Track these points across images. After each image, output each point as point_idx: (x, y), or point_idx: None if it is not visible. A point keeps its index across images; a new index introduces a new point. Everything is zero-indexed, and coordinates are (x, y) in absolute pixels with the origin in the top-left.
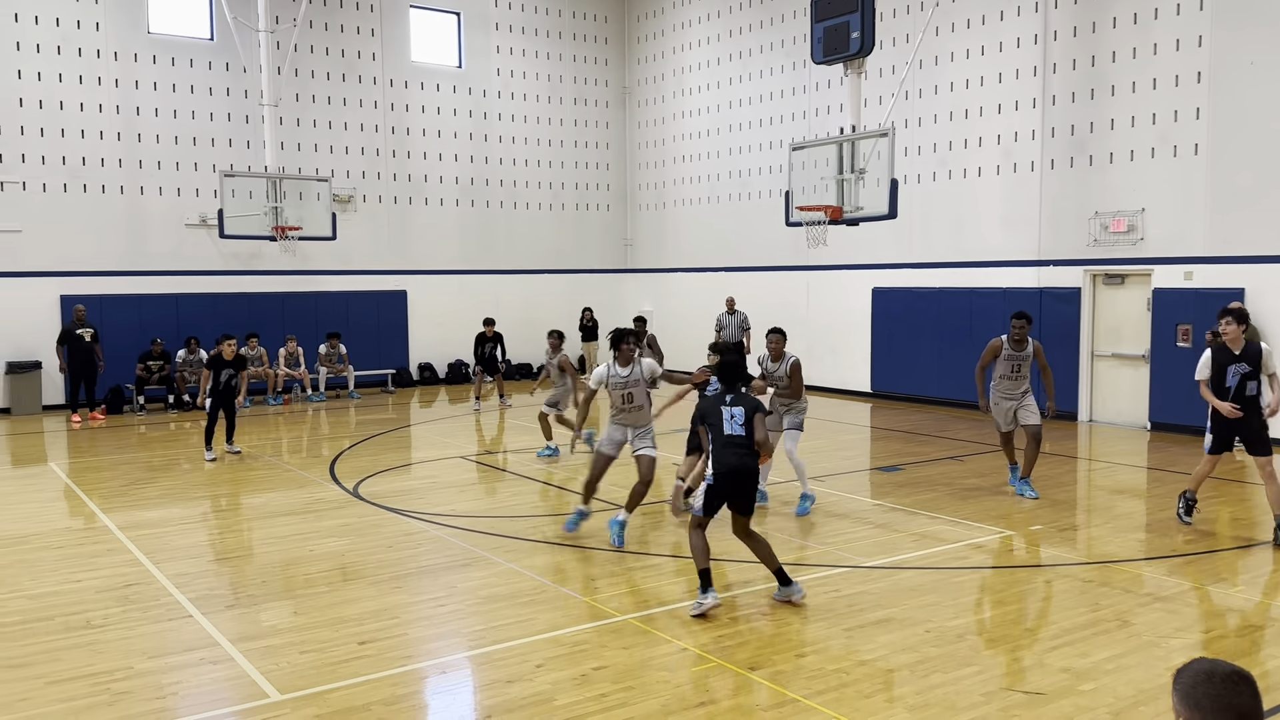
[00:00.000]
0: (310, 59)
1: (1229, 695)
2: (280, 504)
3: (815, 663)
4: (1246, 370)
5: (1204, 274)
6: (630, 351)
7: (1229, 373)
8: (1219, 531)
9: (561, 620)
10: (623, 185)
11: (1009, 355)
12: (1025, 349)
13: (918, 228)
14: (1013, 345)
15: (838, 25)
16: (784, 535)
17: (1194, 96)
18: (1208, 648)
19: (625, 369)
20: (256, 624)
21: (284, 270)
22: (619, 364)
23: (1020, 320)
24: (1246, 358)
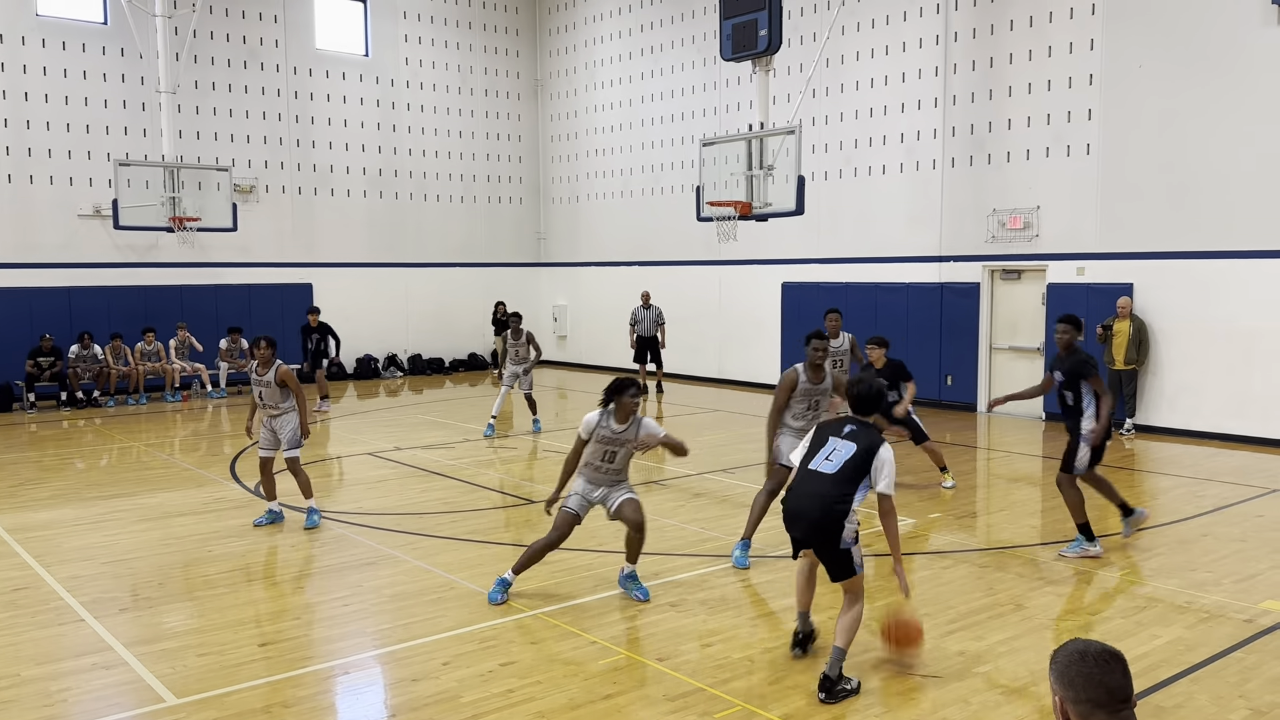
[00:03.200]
0: (210, 45)
1: (1100, 674)
2: (179, 504)
3: (722, 651)
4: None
5: (1095, 270)
6: (633, 405)
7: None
8: (1107, 518)
9: (470, 617)
10: (535, 178)
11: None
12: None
13: (825, 224)
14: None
15: (746, 23)
16: (695, 527)
17: (1086, 98)
18: (1095, 629)
19: (621, 425)
20: (152, 627)
21: (182, 262)
22: (616, 419)
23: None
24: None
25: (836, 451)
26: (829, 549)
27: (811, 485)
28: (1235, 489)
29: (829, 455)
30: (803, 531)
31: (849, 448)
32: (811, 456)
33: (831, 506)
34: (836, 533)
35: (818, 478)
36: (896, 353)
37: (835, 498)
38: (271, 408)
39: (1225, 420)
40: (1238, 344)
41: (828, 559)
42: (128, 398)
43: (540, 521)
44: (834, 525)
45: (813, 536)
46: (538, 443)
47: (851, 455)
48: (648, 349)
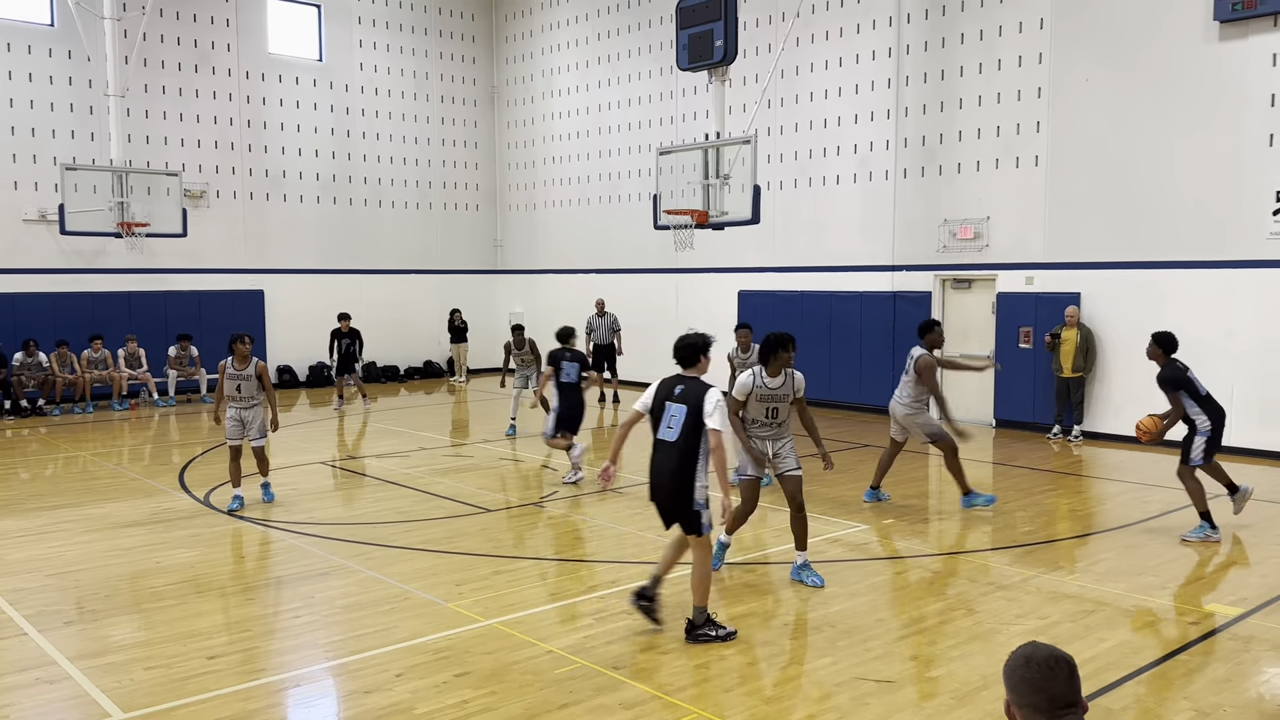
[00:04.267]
0: (160, 48)
1: (1042, 679)
2: (126, 514)
3: (678, 659)
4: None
5: (1044, 279)
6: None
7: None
8: (1057, 522)
9: (423, 627)
10: (492, 185)
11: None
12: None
13: (780, 233)
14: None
15: (702, 33)
16: (651, 534)
17: (1035, 110)
18: (1044, 633)
19: (776, 380)
20: (98, 641)
21: (131, 269)
22: (769, 374)
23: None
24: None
25: (674, 417)
26: (683, 510)
27: (662, 455)
28: (1180, 494)
29: (669, 423)
30: (660, 500)
31: (681, 410)
32: (657, 425)
33: (680, 471)
34: (688, 495)
35: (665, 447)
36: (851, 359)
37: (681, 463)
38: (247, 400)
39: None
40: (1183, 352)
41: (681, 519)
42: (74, 406)
43: (493, 530)
44: (685, 488)
45: (668, 501)
46: (507, 450)
47: (685, 416)
48: (604, 357)
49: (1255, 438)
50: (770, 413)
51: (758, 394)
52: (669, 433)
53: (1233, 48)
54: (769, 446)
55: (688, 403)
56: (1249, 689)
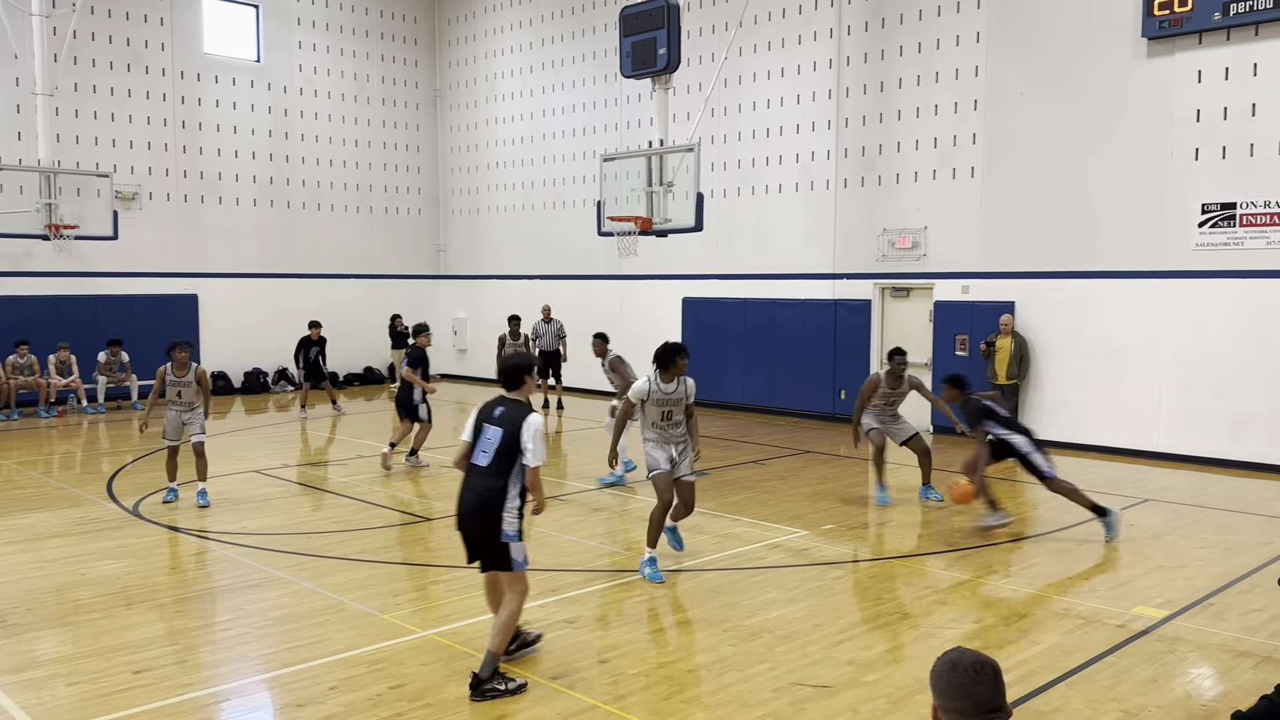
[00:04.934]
0: (91, 46)
1: (968, 685)
2: (50, 524)
3: (618, 668)
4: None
5: (979, 288)
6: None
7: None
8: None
9: (358, 639)
10: (435, 190)
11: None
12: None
13: (723, 240)
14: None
15: (645, 41)
16: (593, 542)
17: (971, 122)
18: (978, 637)
19: (670, 385)
20: (19, 655)
21: (59, 271)
22: (664, 380)
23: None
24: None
25: (489, 440)
26: (489, 541)
27: (472, 479)
28: (1110, 499)
29: (484, 447)
30: (467, 529)
31: (497, 434)
32: (473, 448)
33: (488, 500)
34: (495, 525)
35: (476, 471)
36: (792, 366)
37: (491, 490)
38: (187, 405)
39: (1101, 432)
40: (1112, 359)
41: (487, 551)
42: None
43: (432, 539)
44: (491, 518)
45: (475, 531)
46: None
47: (500, 442)
48: (549, 364)
49: (1181, 444)
50: (665, 415)
51: (654, 399)
52: (482, 457)
53: (1160, 64)
54: (671, 450)
55: (504, 427)
56: (1174, 689)
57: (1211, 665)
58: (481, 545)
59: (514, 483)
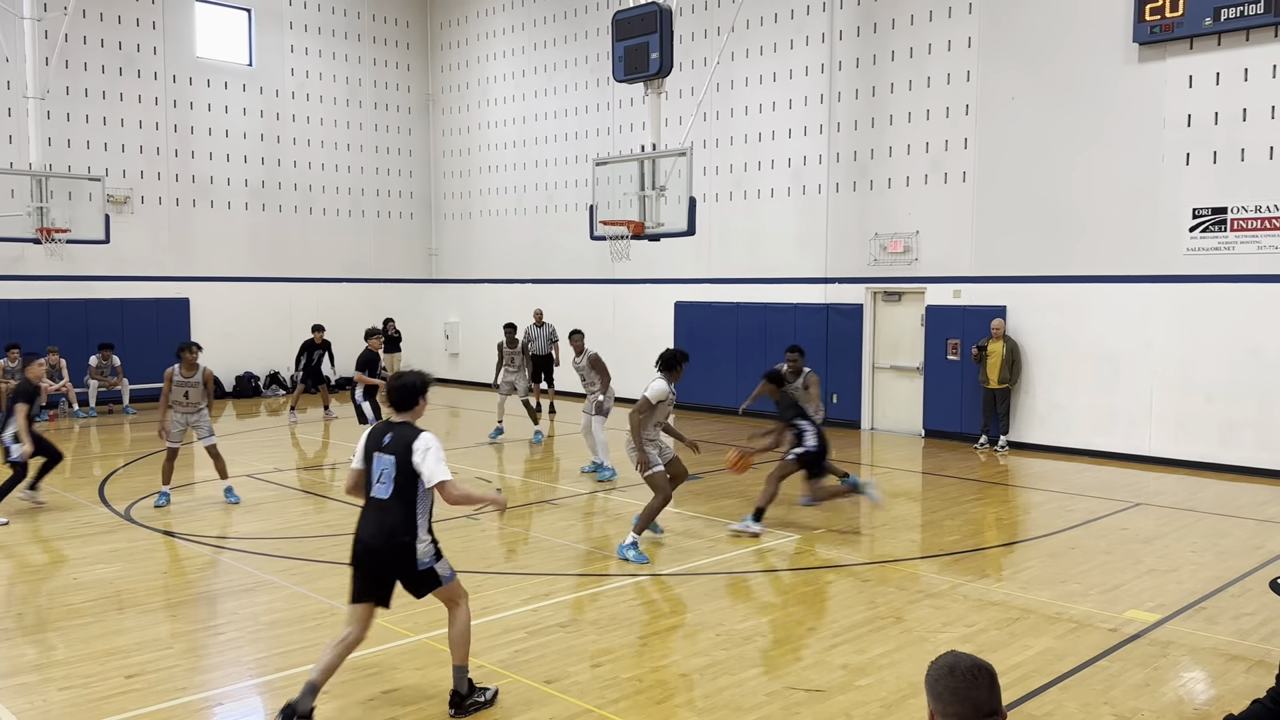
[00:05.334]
0: (83, 50)
1: (966, 688)
2: (42, 529)
3: (611, 672)
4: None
5: (971, 293)
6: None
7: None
8: (984, 531)
9: None
10: (427, 194)
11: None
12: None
13: (716, 245)
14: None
15: (638, 45)
16: (586, 546)
17: (963, 127)
18: (971, 641)
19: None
20: (10, 660)
21: (50, 275)
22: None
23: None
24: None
25: (385, 471)
26: (407, 576)
27: (371, 514)
28: (1102, 503)
29: (380, 477)
30: (371, 567)
31: (390, 461)
32: (369, 481)
33: (395, 540)
34: (410, 560)
35: (378, 505)
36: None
37: (397, 528)
38: (193, 406)
39: (1093, 437)
40: (1104, 364)
41: (408, 583)
42: None
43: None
44: (404, 556)
45: (384, 568)
46: None
47: (394, 470)
48: (542, 368)
49: (1172, 448)
50: (667, 416)
51: (670, 400)
52: (380, 489)
53: (1151, 69)
54: (660, 447)
55: (396, 453)
56: (1167, 693)
57: (1204, 669)
58: (389, 579)
59: (421, 512)
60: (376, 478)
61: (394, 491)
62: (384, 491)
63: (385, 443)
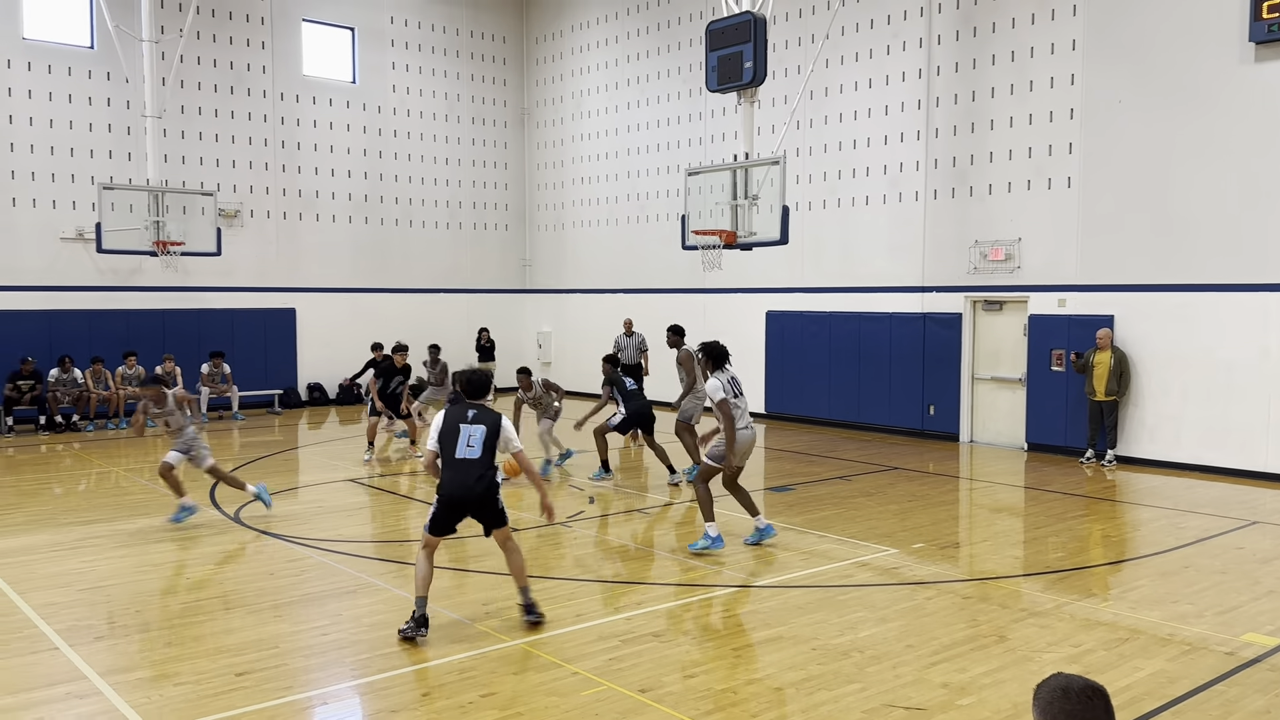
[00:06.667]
0: (196, 70)
1: (1083, 711)
2: (157, 530)
3: (704, 683)
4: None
5: (1076, 301)
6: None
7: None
8: (1090, 549)
9: (450, 647)
10: (521, 205)
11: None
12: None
13: (809, 253)
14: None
15: (731, 55)
16: (677, 555)
17: (1067, 131)
18: (1078, 661)
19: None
20: (128, 656)
21: (165, 286)
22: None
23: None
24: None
25: (473, 437)
26: (491, 513)
27: (467, 470)
28: (1215, 520)
29: (468, 442)
30: (470, 510)
31: (480, 430)
32: (454, 447)
33: (489, 482)
34: (495, 498)
35: (468, 464)
36: (879, 381)
37: (487, 475)
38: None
39: (1205, 451)
40: (1216, 375)
41: (489, 519)
42: (107, 422)
43: (529, 552)
44: (493, 495)
45: (478, 511)
46: None
47: (485, 436)
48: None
49: None
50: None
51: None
52: (471, 451)
53: (1269, 69)
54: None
55: (486, 424)
56: None
57: None
58: (482, 516)
59: (494, 466)
60: (465, 443)
61: (483, 453)
62: (474, 454)
63: (471, 418)
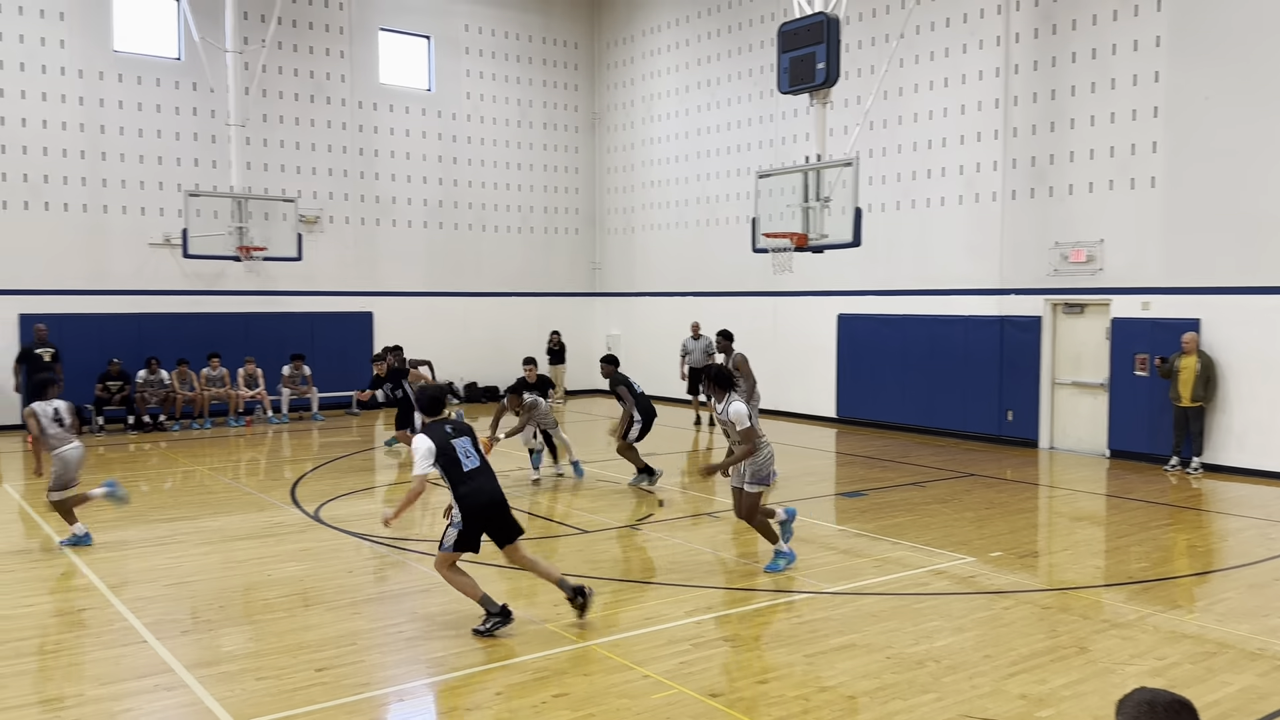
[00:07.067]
0: (278, 79)
1: None
2: (239, 528)
3: (777, 689)
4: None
5: (1161, 304)
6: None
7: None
8: (1176, 559)
9: (522, 647)
10: (591, 209)
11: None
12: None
13: (882, 256)
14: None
15: (804, 56)
16: (749, 561)
17: (1151, 130)
18: (1163, 675)
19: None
20: (213, 650)
21: (248, 290)
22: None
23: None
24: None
25: (467, 448)
26: (511, 517)
27: (485, 478)
28: None
29: (466, 453)
30: (498, 515)
31: (467, 440)
32: (461, 459)
33: (500, 487)
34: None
35: (479, 471)
36: (954, 386)
37: (496, 481)
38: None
39: None
40: None
41: (510, 525)
42: (192, 422)
43: (589, 551)
44: (505, 500)
45: (503, 514)
46: (604, 470)
47: (474, 442)
48: (698, 380)
49: None
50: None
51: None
52: (472, 461)
53: None
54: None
55: (469, 434)
56: None
57: None
58: (505, 523)
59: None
60: (463, 455)
61: (482, 460)
62: (477, 461)
63: (453, 431)
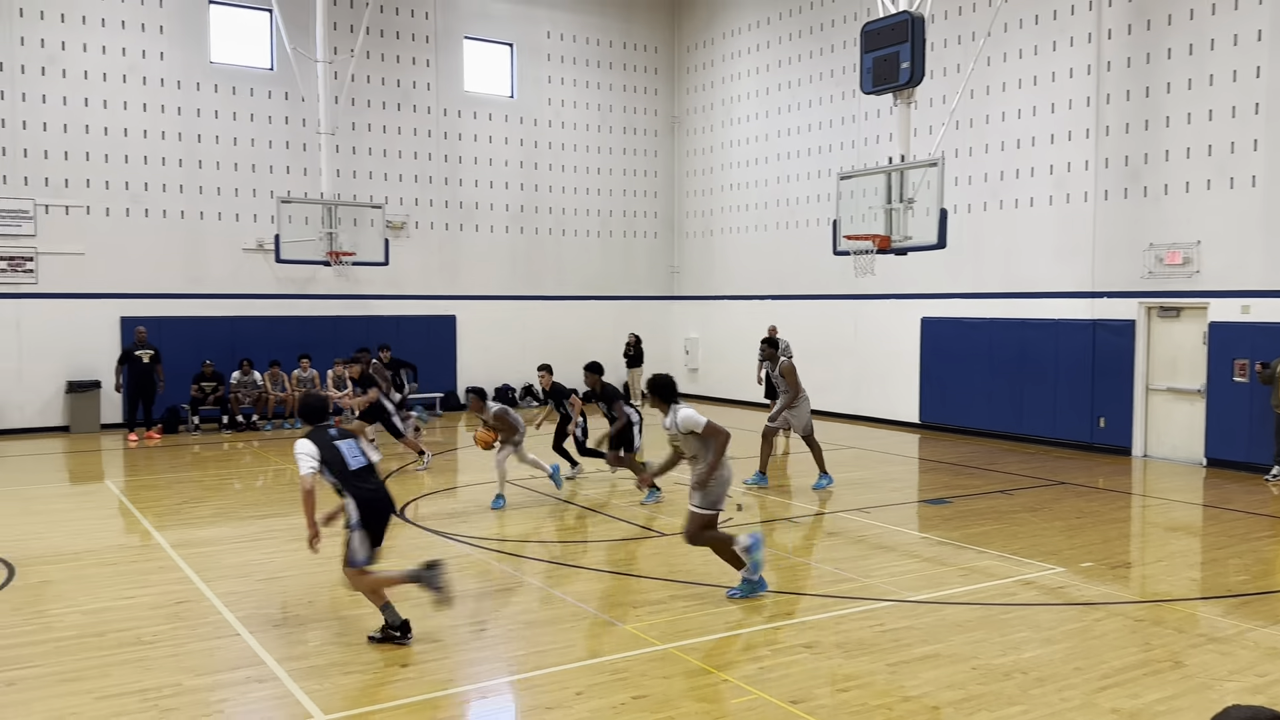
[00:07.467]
0: (366, 88)
1: None
2: (328, 526)
3: (858, 698)
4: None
5: (1262, 308)
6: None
7: None
8: (1276, 571)
9: (601, 647)
10: (670, 213)
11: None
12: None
13: (968, 258)
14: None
15: (888, 56)
16: (829, 567)
17: (1251, 128)
18: (1263, 692)
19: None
20: (302, 644)
21: (337, 294)
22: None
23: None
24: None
25: (353, 450)
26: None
27: (371, 480)
28: None
29: (353, 454)
30: (389, 511)
31: (351, 441)
32: (343, 462)
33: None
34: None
35: (368, 471)
36: (1044, 391)
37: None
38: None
39: None
40: None
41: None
42: (284, 422)
43: (667, 554)
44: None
45: (390, 515)
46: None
47: (357, 442)
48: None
49: None
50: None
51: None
52: (359, 461)
53: None
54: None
55: (350, 436)
56: None
57: None
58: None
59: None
60: (351, 456)
61: (366, 459)
62: (364, 461)
63: (337, 435)
